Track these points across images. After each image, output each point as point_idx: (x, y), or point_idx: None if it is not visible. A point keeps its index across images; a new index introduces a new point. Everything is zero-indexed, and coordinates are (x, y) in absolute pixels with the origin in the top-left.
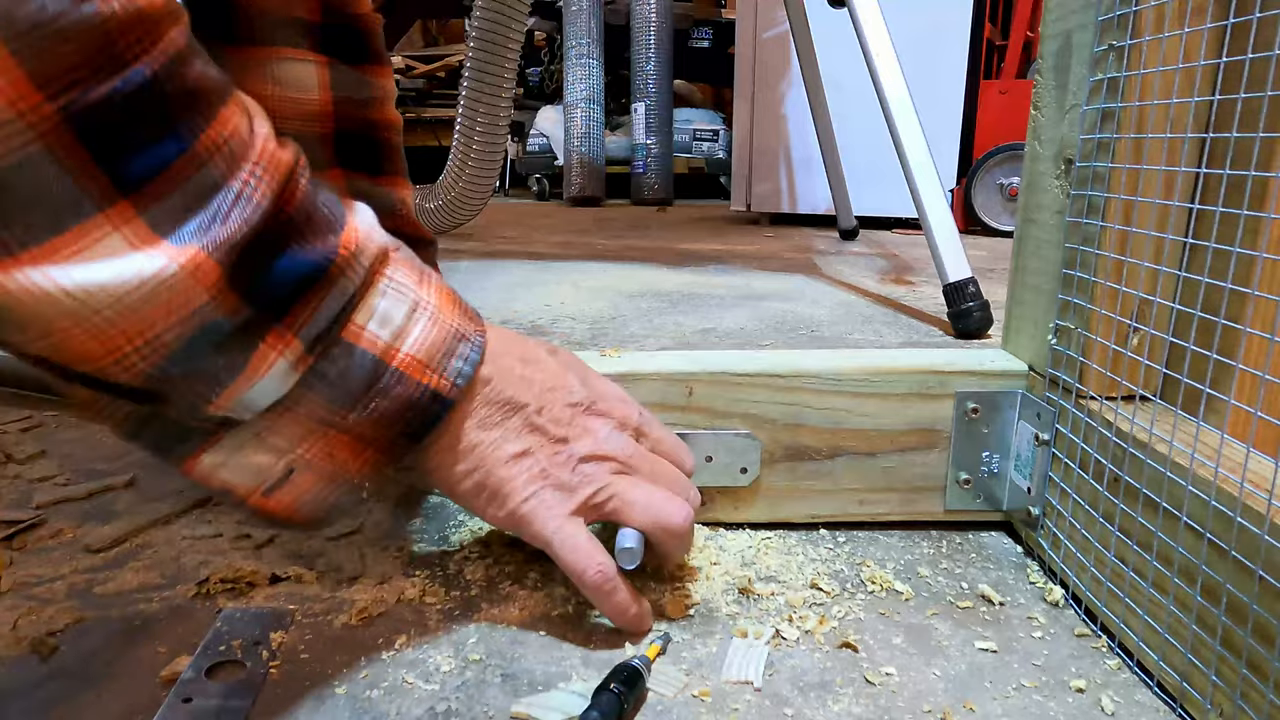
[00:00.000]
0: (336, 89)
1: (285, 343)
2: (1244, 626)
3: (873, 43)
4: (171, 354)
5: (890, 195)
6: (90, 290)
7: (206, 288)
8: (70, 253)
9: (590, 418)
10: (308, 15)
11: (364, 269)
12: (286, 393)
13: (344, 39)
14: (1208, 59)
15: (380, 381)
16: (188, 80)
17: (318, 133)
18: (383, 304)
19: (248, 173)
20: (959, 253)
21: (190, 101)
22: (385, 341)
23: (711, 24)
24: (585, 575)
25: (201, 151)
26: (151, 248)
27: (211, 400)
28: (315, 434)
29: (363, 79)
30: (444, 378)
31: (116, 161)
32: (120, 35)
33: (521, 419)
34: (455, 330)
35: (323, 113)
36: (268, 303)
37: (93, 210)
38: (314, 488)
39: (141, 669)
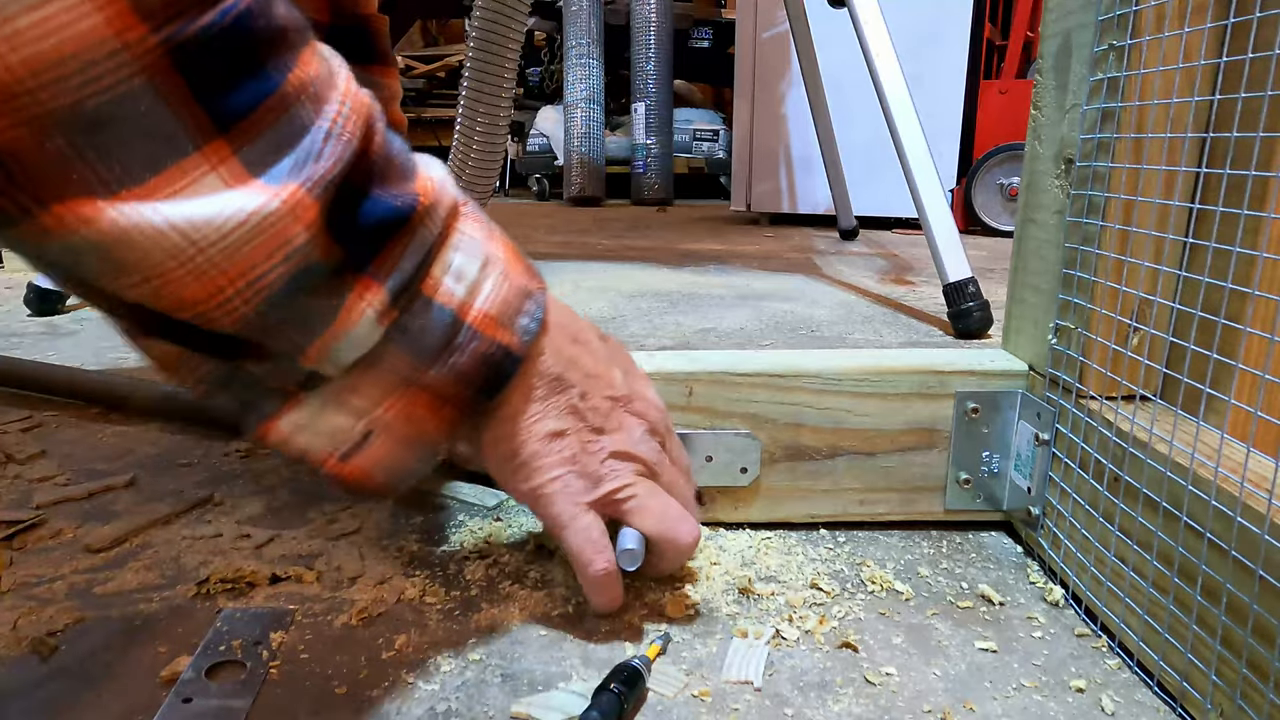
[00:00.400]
0: None
1: (373, 292)
2: (1244, 626)
3: (873, 43)
4: (271, 296)
5: (890, 195)
6: (197, 225)
7: (306, 225)
8: (171, 191)
9: (627, 415)
10: (316, 15)
11: (440, 220)
12: (373, 346)
13: (351, 40)
14: (1208, 59)
15: (458, 337)
16: (275, 18)
17: None
18: (457, 258)
19: (335, 110)
20: (959, 253)
21: (279, 40)
22: (461, 297)
23: (711, 24)
24: (592, 566)
25: (291, 91)
26: (247, 187)
27: (304, 349)
28: (396, 391)
29: (370, 79)
30: (514, 334)
31: (213, 98)
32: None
33: (565, 400)
34: (523, 288)
35: None
36: (357, 247)
37: (190, 149)
38: (391, 451)
39: (141, 669)
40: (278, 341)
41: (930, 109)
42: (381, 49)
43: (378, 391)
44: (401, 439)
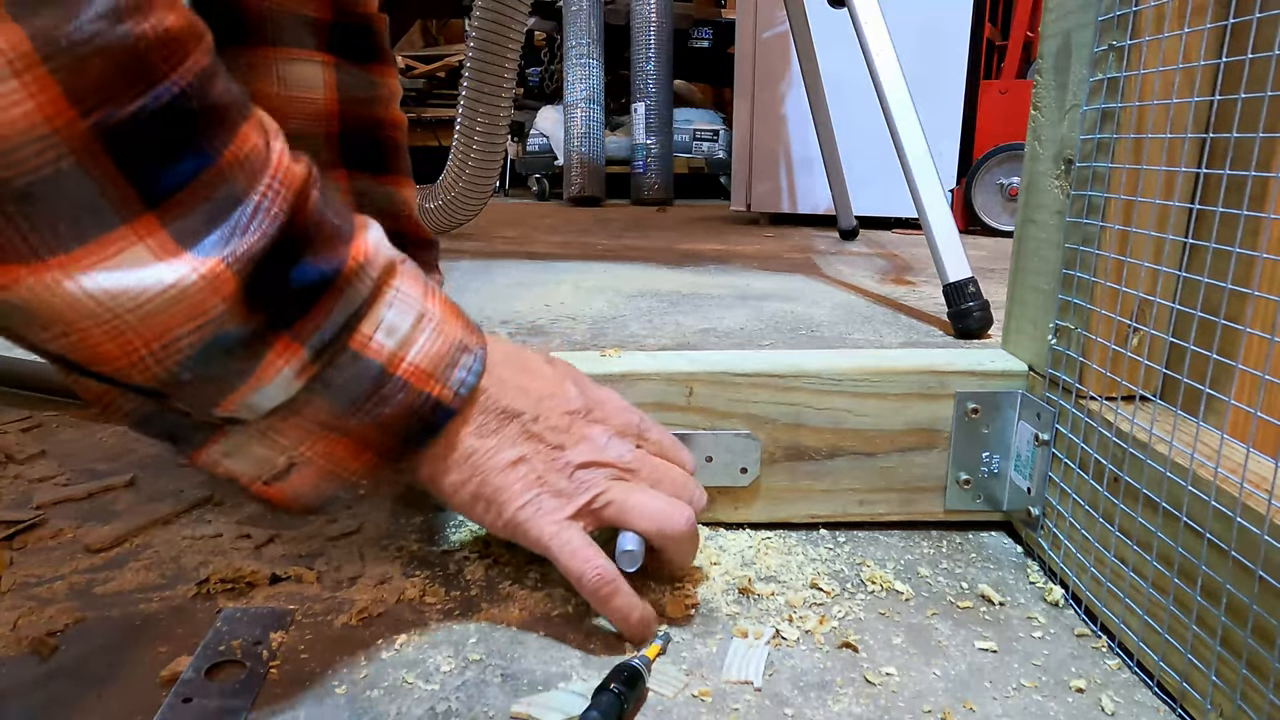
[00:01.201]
0: (342, 89)
1: (292, 351)
2: (1244, 626)
3: (873, 43)
4: (185, 359)
5: (890, 195)
6: (114, 294)
7: (223, 297)
8: (95, 260)
9: (588, 425)
10: (317, 14)
11: (372, 280)
12: (290, 398)
13: (352, 38)
14: (1208, 59)
15: (384, 388)
16: (212, 97)
17: (323, 132)
18: (389, 314)
19: (266, 186)
20: (959, 253)
21: (214, 118)
22: (391, 350)
23: (711, 24)
24: (584, 578)
25: (224, 167)
26: (174, 258)
27: (218, 403)
28: (316, 435)
29: (369, 78)
30: (447, 387)
31: (144, 176)
32: (150, 54)
33: (518, 426)
34: (459, 341)
35: (328, 112)
36: (278, 312)
37: (119, 222)
38: (312, 482)
39: (141, 669)
40: (192, 396)
41: (930, 109)
42: (381, 47)
43: (298, 434)
44: (323, 473)
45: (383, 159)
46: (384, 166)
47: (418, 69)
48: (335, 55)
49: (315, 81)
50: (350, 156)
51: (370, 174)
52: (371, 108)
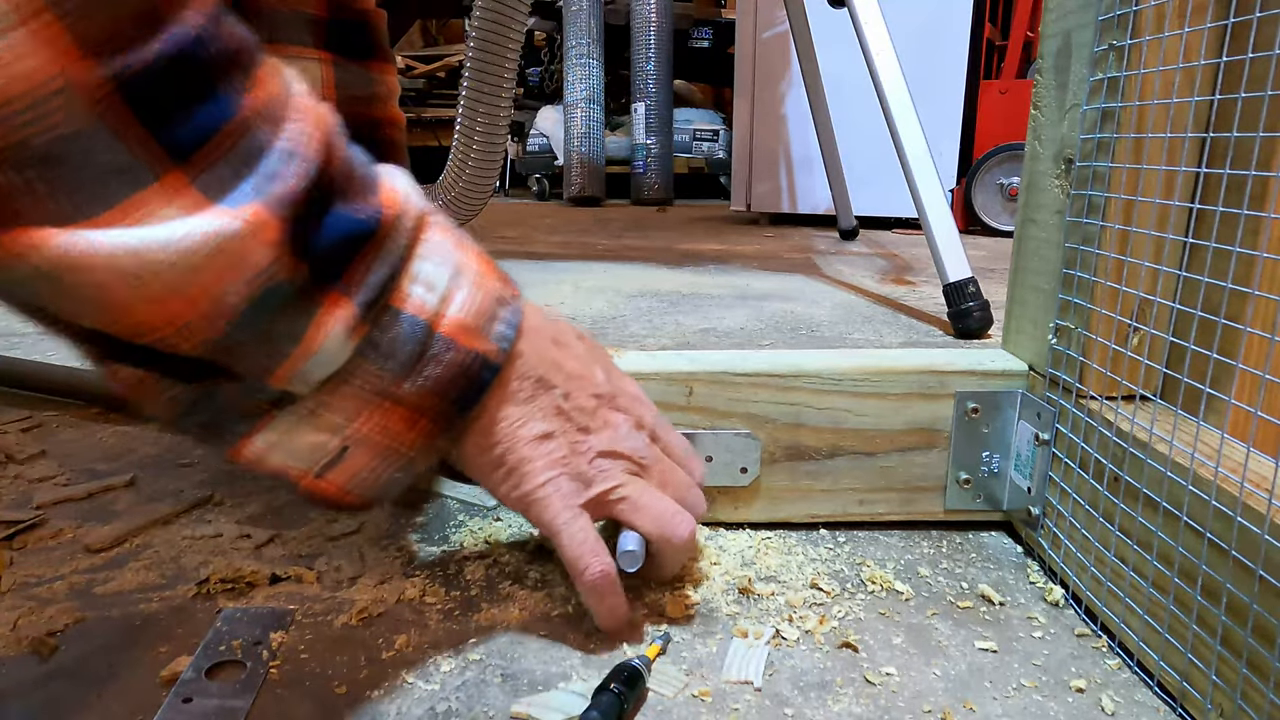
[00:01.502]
0: (341, 87)
1: (342, 307)
2: (1244, 626)
3: (873, 43)
4: (235, 319)
5: (890, 195)
6: (152, 248)
7: (269, 245)
8: (129, 222)
9: (612, 412)
10: (315, 10)
11: (407, 231)
12: (344, 363)
13: (350, 34)
14: (1208, 59)
15: (432, 348)
16: (226, 39)
17: None
18: (427, 268)
19: (295, 129)
20: (959, 253)
21: (231, 63)
22: (433, 307)
23: (711, 24)
24: (587, 572)
25: (247, 113)
26: (207, 212)
27: (273, 371)
28: (371, 406)
29: (367, 75)
30: (490, 342)
31: (167, 129)
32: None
33: (549, 400)
34: (497, 295)
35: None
36: (323, 264)
37: (149, 179)
38: (368, 465)
39: (141, 669)
40: (244, 364)
41: (930, 109)
42: (379, 44)
43: (351, 407)
44: (378, 452)
45: (381, 157)
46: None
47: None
48: (332, 52)
49: (313, 79)
50: None
51: None
52: (369, 106)
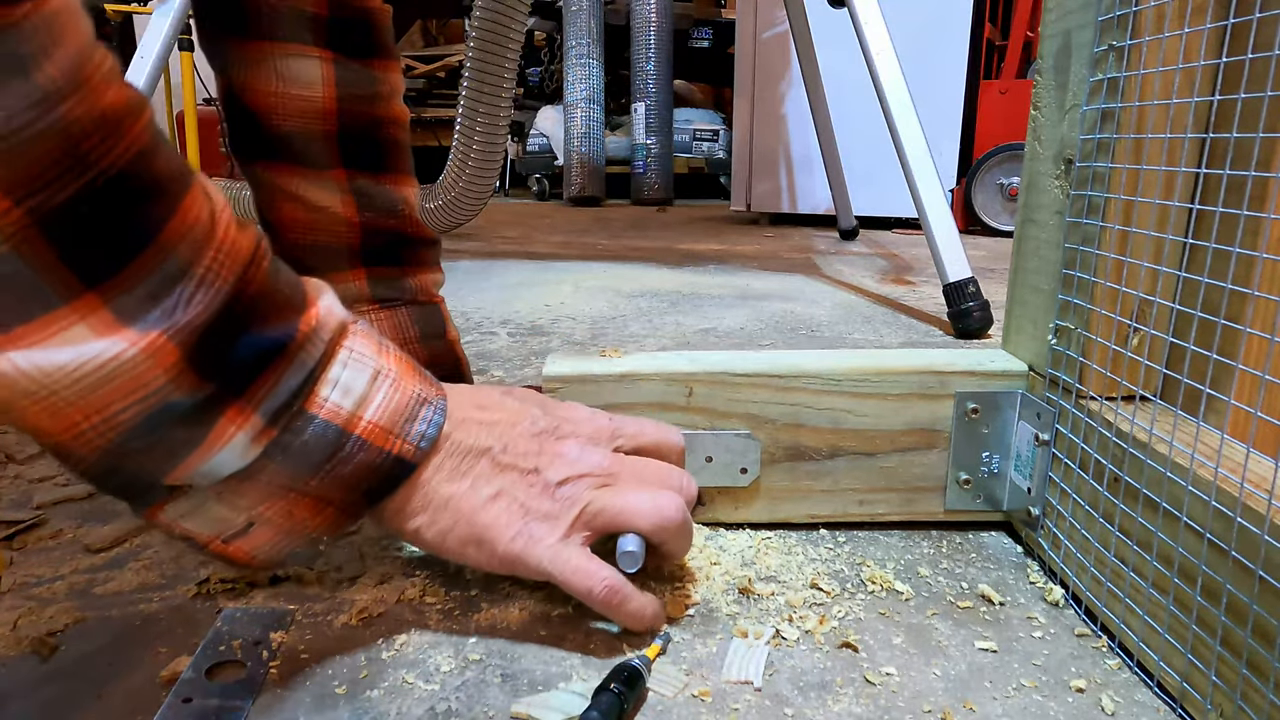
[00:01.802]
0: (341, 85)
1: (245, 417)
2: (1244, 626)
3: (873, 42)
4: (128, 431)
5: (890, 195)
6: (48, 372)
7: (165, 369)
8: (35, 339)
9: (558, 442)
10: (315, 8)
11: (324, 343)
12: (248, 465)
13: (352, 32)
14: (1208, 59)
15: (344, 450)
16: (152, 173)
17: (321, 129)
18: (345, 374)
19: (210, 258)
20: (959, 253)
21: (154, 194)
22: (348, 410)
23: (711, 24)
24: (593, 594)
25: (166, 242)
26: (115, 335)
27: (167, 472)
28: (276, 497)
29: (369, 74)
30: (407, 441)
31: (82, 259)
32: (84, 139)
33: (489, 461)
34: (416, 395)
35: (326, 110)
36: (227, 380)
37: (59, 303)
38: (272, 539)
39: (141, 669)
40: (140, 465)
41: (930, 109)
42: (382, 42)
43: (257, 496)
44: (283, 530)
45: (383, 157)
46: (384, 165)
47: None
48: (334, 51)
49: (313, 78)
50: (349, 155)
51: (370, 173)
52: (372, 105)
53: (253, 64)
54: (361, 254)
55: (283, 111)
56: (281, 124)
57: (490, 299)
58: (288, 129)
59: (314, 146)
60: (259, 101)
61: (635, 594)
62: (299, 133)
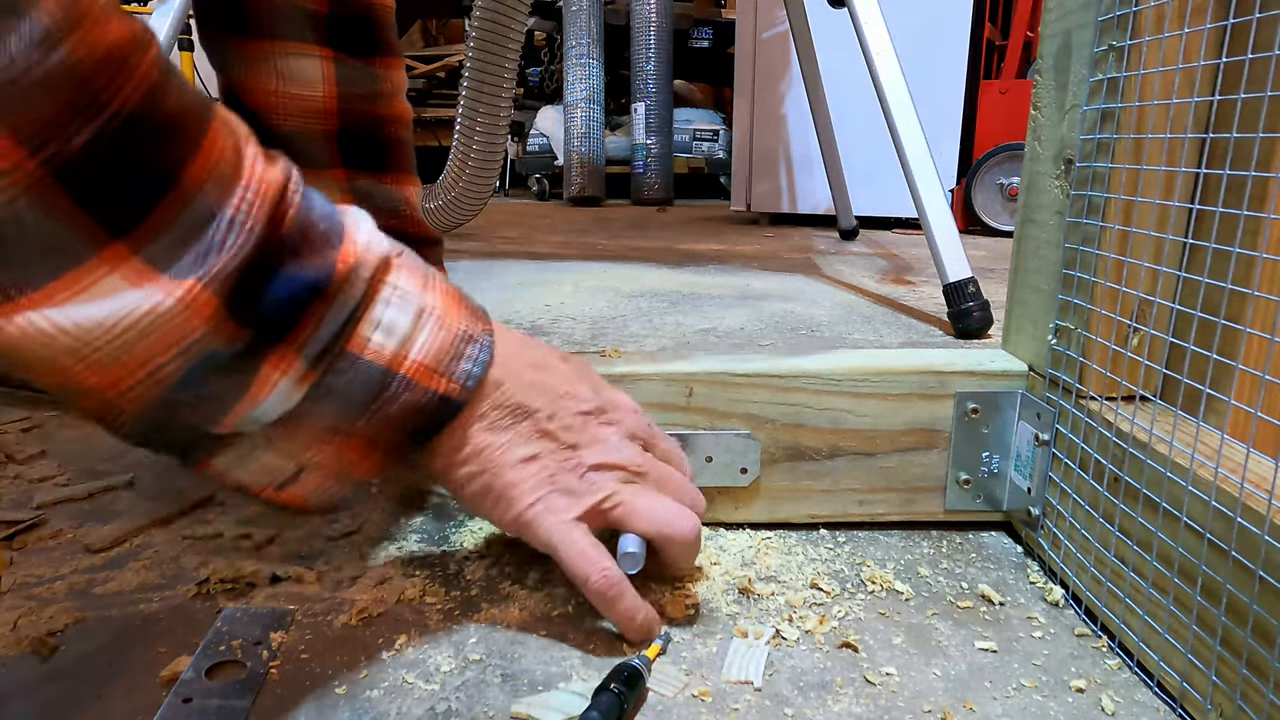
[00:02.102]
0: (342, 84)
1: (287, 362)
2: (1244, 626)
3: (873, 43)
4: (174, 383)
5: (890, 195)
6: (87, 328)
7: (204, 319)
8: (68, 295)
9: (601, 426)
10: (316, 6)
11: (364, 280)
12: (292, 408)
13: (353, 30)
14: (1208, 59)
15: (389, 390)
16: (166, 111)
17: (321, 129)
18: (388, 313)
19: (239, 198)
20: (959, 253)
21: (172, 133)
22: (392, 350)
23: (711, 24)
24: (590, 581)
25: (190, 183)
26: (150, 284)
27: (218, 421)
28: (323, 439)
29: (371, 72)
30: (453, 381)
31: (105, 207)
32: (93, 78)
33: (532, 424)
34: (463, 332)
35: (326, 109)
36: (266, 326)
37: (88, 255)
38: (323, 484)
39: (141, 669)
40: (187, 418)
41: (930, 109)
42: (384, 39)
43: (305, 438)
44: (333, 474)
45: (384, 157)
46: (385, 164)
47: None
48: (335, 49)
49: (314, 77)
50: (350, 154)
51: (370, 172)
52: (373, 104)
53: (252, 63)
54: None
55: (283, 111)
56: (282, 123)
57: (490, 299)
58: (288, 128)
59: (314, 146)
60: (259, 100)
61: (631, 594)
62: (299, 132)
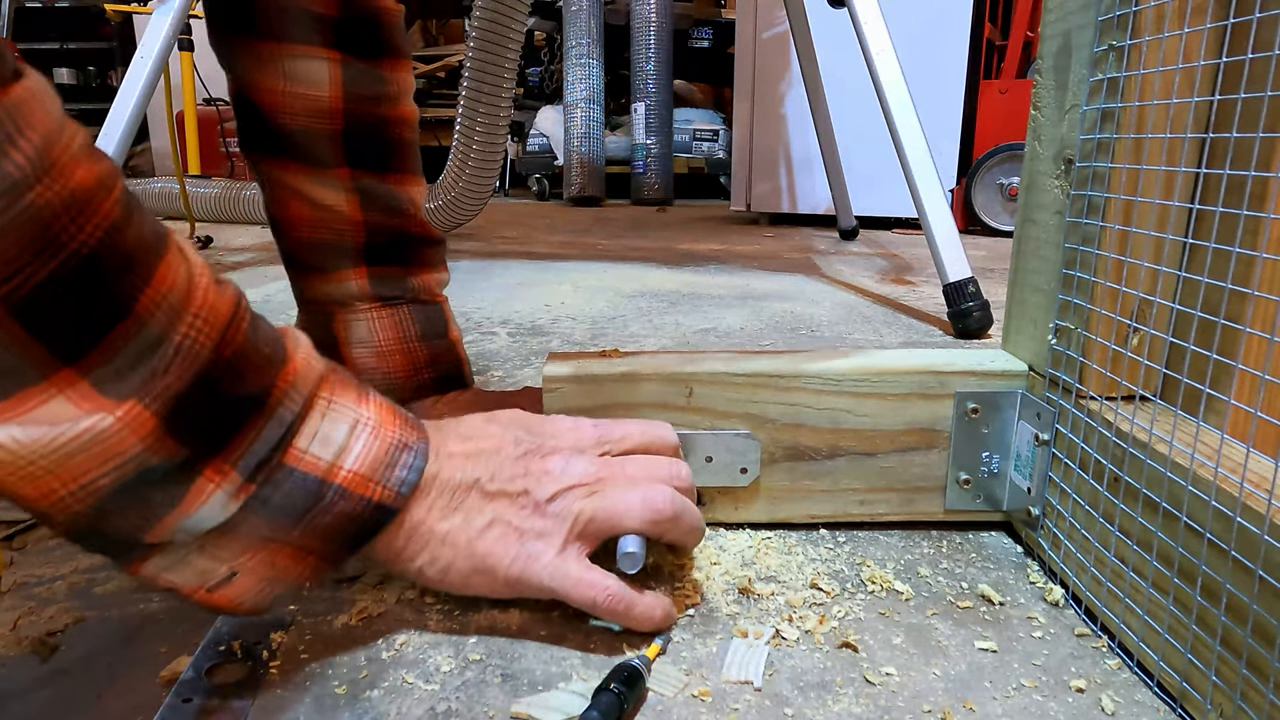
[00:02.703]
0: (348, 86)
1: (223, 475)
2: (1244, 626)
3: (873, 43)
4: (106, 496)
5: (890, 195)
6: (25, 444)
7: (141, 437)
8: (12, 415)
9: (542, 460)
10: (324, 9)
11: (302, 396)
12: (228, 518)
13: (361, 32)
14: (1208, 59)
15: (324, 500)
16: (124, 247)
17: (327, 129)
18: (324, 425)
19: (188, 325)
20: (959, 253)
21: (128, 267)
22: (328, 461)
23: (711, 24)
24: (598, 605)
25: (141, 312)
26: (92, 405)
27: (148, 530)
28: (257, 547)
29: (378, 74)
30: (387, 488)
31: (58, 337)
32: (54, 221)
33: (478, 492)
34: (397, 441)
35: (332, 110)
36: (204, 441)
37: (37, 380)
38: (256, 586)
39: (141, 669)
40: (118, 527)
41: (930, 109)
42: (392, 42)
43: (239, 546)
44: (266, 578)
45: (388, 157)
46: (389, 165)
47: (418, 69)
48: (342, 51)
49: (320, 78)
50: (355, 154)
51: (375, 172)
52: (379, 105)
53: (261, 63)
54: (365, 252)
55: (289, 110)
56: (288, 122)
57: (490, 299)
58: (294, 127)
59: (319, 145)
60: (266, 100)
61: (638, 598)
62: (304, 131)
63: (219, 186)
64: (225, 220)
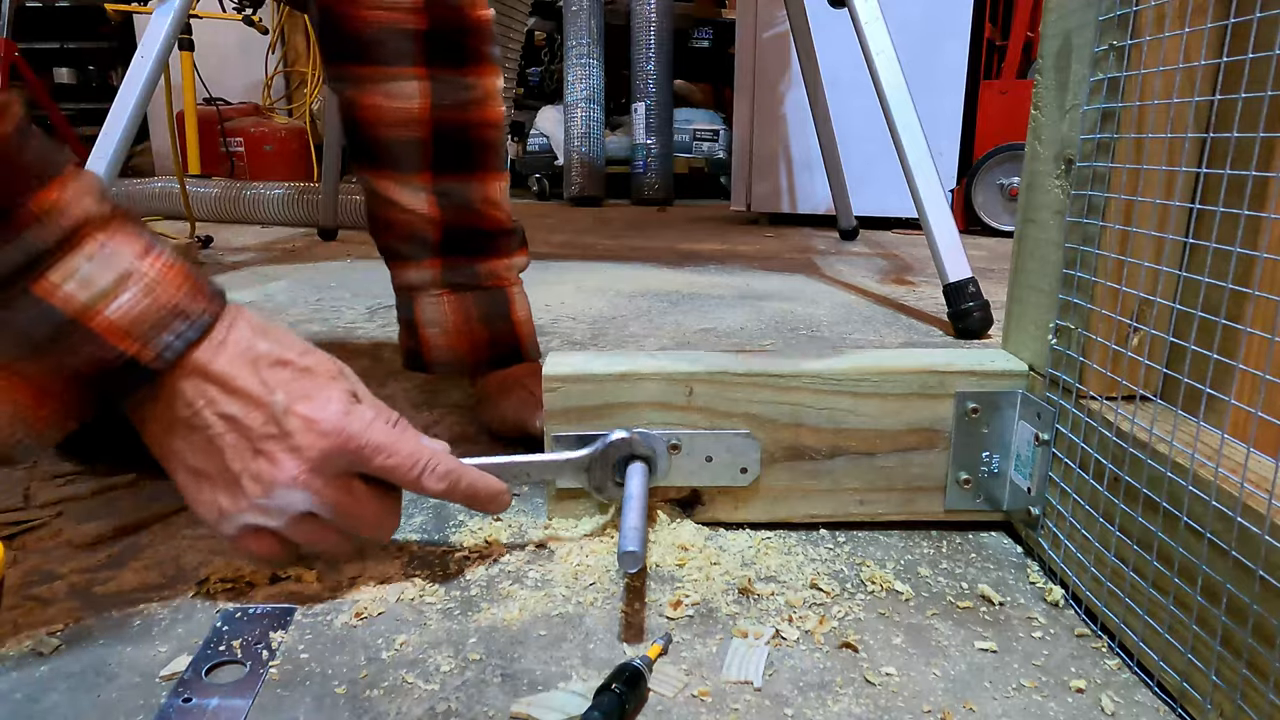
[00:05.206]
0: (435, 96)
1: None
2: (1244, 626)
3: (873, 42)
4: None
5: (890, 195)
6: None
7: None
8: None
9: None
10: (415, 24)
11: (61, 230)
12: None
13: (450, 43)
14: (1208, 59)
15: (70, 338)
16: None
17: (417, 137)
18: (88, 267)
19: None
20: (959, 253)
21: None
22: (82, 302)
23: (711, 24)
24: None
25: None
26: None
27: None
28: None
29: (464, 82)
30: (147, 347)
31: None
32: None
33: (225, 431)
34: (173, 306)
35: (421, 119)
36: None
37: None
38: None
39: (141, 669)
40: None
41: (930, 109)
42: (480, 50)
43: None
44: (5, 414)
45: (469, 158)
46: (471, 165)
47: None
48: (430, 66)
49: (412, 93)
50: (439, 159)
51: (454, 174)
52: (464, 110)
53: (366, 83)
54: (440, 246)
55: (385, 122)
56: (385, 133)
57: None
58: (389, 137)
59: (408, 152)
60: (366, 115)
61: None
62: (397, 140)
63: (219, 186)
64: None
